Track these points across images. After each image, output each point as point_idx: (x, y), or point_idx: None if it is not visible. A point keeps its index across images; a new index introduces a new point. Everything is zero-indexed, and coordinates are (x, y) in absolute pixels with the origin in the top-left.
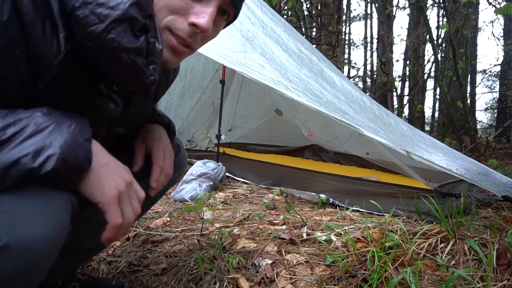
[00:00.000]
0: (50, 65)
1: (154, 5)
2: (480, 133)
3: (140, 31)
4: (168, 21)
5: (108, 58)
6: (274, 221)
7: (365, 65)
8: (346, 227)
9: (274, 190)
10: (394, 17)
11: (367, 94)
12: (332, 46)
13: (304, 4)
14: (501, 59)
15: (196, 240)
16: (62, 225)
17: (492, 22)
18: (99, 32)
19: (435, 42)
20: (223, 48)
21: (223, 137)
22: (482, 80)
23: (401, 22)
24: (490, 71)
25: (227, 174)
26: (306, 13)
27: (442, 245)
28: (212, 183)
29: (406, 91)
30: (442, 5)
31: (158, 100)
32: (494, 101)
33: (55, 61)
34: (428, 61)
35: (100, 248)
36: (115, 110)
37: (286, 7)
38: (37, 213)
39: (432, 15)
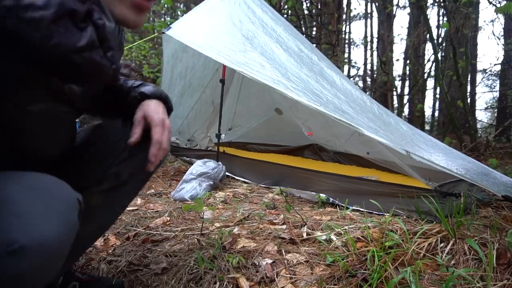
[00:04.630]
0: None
1: None
2: (480, 132)
3: (83, 20)
4: None
5: (61, 67)
6: (274, 221)
7: (365, 64)
8: (346, 227)
9: (274, 190)
10: (394, 16)
11: (367, 93)
12: (332, 45)
13: (304, 3)
14: (501, 58)
15: (196, 239)
16: (72, 223)
17: (492, 21)
18: (38, 41)
19: (435, 41)
20: (223, 47)
21: (223, 136)
22: (482, 79)
23: (401, 21)
24: (490, 71)
25: (227, 173)
26: (306, 12)
27: (442, 244)
28: (212, 183)
29: (406, 90)
30: (442, 4)
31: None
32: (494, 101)
33: None
34: (428, 60)
35: (92, 235)
36: (78, 89)
37: (286, 6)
38: (49, 213)
39: (433, 14)
